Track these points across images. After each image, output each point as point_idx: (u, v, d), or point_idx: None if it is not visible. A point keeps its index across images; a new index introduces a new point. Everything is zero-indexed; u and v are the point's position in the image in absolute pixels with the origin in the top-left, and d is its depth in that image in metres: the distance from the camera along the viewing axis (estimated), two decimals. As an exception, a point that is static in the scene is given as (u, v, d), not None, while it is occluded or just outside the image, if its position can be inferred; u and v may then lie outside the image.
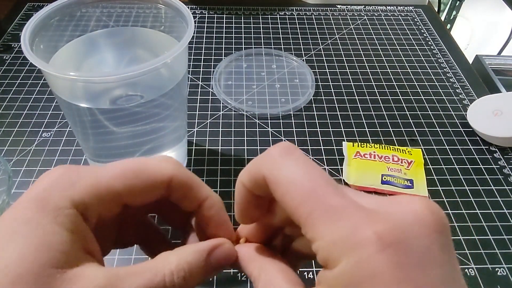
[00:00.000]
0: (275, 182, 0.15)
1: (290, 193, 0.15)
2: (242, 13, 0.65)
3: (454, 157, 0.44)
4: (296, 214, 0.14)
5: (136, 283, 0.15)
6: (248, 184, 0.17)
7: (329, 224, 0.13)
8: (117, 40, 0.35)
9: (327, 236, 0.13)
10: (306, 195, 0.14)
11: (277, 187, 0.15)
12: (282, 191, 0.15)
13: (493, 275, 0.34)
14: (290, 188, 0.15)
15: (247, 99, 0.49)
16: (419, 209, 0.13)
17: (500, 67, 0.59)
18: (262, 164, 0.16)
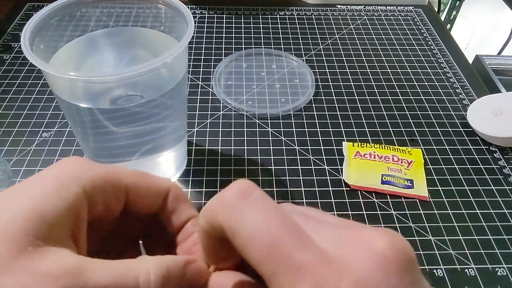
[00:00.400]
0: (233, 234, 0.14)
1: (251, 248, 0.14)
2: (242, 13, 0.65)
3: (454, 157, 0.44)
4: (259, 270, 0.14)
5: (105, 275, 0.15)
6: (207, 229, 0.16)
7: (294, 284, 0.13)
8: (117, 40, 0.35)
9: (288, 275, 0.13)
10: (267, 252, 0.13)
11: (236, 239, 0.14)
12: (242, 244, 0.14)
13: (493, 275, 0.34)
14: (250, 243, 0.14)
15: (247, 99, 0.49)
16: (382, 250, 0.13)
17: (500, 67, 0.59)
18: (218, 210, 0.15)
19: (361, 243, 0.13)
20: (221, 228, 0.15)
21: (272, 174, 0.41)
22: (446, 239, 0.36)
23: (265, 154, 0.43)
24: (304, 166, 0.42)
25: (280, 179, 0.40)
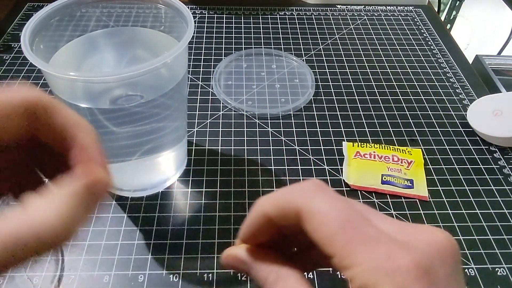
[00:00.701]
0: (310, 212, 0.16)
1: (326, 223, 0.15)
2: (242, 13, 0.65)
3: (454, 157, 0.44)
4: (330, 244, 0.15)
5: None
6: (272, 213, 0.17)
7: (367, 253, 0.14)
8: (117, 40, 0.35)
9: (365, 263, 0.14)
10: (342, 225, 0.15)
11: (312, 218, 0.16)
12: (317, 221, 0.16)
13: (493, 275, 0.34)
14: (326, 219, 0.15)
15: (247, 99, 0.49)
16: (441, 241, 0.15)
17: (500, 67, 0.59)
18: (295, 196, 0.17)
19: (423, 233, 0.15)
20: (293, 211, 0.16)
21: (272, 174, 0.41)
22: (446, 239, 0.36)
23: (265, 154, 0.43)
24: (304, 166, 0.42)
25: (280, 179, 0.40)
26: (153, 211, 0.37)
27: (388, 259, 0.14)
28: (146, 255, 0.34)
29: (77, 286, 0.32)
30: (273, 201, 0.18)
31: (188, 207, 0.38)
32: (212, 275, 0.33)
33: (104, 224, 0.36)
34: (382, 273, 0.14)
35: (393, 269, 0.14)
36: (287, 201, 0.17)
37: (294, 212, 0.16)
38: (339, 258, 0.15)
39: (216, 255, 0.34)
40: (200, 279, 0.33)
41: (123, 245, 0.34)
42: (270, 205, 0.18)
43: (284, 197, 0.17)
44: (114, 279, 0.32)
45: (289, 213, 0.17)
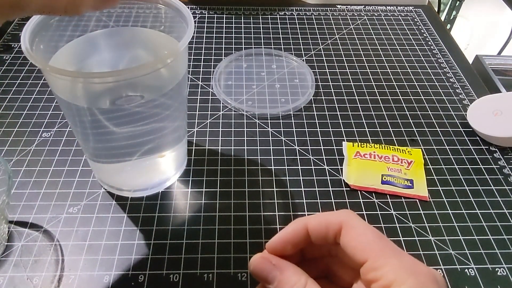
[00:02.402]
0: (351, 226, 0.21)
1: (364, 234, 0.20)
2: (242, 13, 0.65)
3: (454, 157, 0.44)
4: (366, 249, 0.20)
5: None
6: (316, 226, 0.22)
7: (396, 258, 0.19)
8: (117, 40, 0.35)
9: (396, 264, 0.18)
10: (377, 238, 0.20)
11: (353, 229, 0.21)
12: (357, 232, 0.20)
13: (493, 275, 0.34)
14: (364, 231, 0.20)
15: (247, 99, 0.49)
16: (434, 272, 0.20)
17: (500, 67, 0.59)
18: (339, 214, 0.22)
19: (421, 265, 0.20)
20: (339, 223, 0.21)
21: (272, 174, 0.41)
22: (446, 239, 0.36)
23: (265, 154, 0.43)
24: (304, 166, 0.42)
25: (280, 179, 0.40)
26: (153, 211, 0.37)
27: (413, 264, 0.19)
28: (146, 255, 0.34)
29: (77, 286, 0.32)
30: (317, 217, 0.22)
31: (188, 207, 0.38)
32: (212, 275, 0.33)
33: (104, 224, 0.36)
34: (409, 273, 0.18)
35: (416, 272, 0.18)
36: (332, 217, 0.22)
37: (337, 225, 0.21)
38: (373, 259, 0.19)
39: (216, 255, 0.34)
40: (200, 279, 0.33)
41: (123, 245, 0.34)
42: (315, 219, 0.22)
43: (328, 215, 0.22)
44: (114, 279, 0.32)
45: (332, 226, 0.21)
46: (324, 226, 0.22)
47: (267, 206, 0.38)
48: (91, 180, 0.39)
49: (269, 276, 0.22)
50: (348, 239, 0.20)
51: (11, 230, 0.35)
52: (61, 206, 0.37)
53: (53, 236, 0.35)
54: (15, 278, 0.32)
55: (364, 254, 0.19)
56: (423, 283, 0.18)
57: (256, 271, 0.22)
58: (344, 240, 0.21)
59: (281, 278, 0.21)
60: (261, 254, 0.23)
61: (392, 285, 0.18)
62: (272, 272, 0.22)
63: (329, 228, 0.21)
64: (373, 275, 0.19)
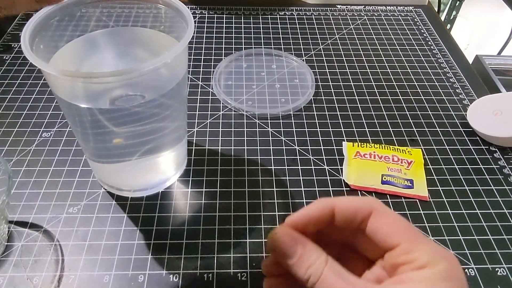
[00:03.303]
0: (384, 212, 0.22)
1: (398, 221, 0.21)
2: (242, 13, 0.65)
3: (454, 157, 0.44)
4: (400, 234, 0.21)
5: None
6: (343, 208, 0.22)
7: (429, 244, 0.20)
8: (117, 40, 0.35)
9: (428, 249, 0.20)
10: (410, 226, 0.21)
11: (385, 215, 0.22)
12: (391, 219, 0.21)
13: (493, 275, 0.34)
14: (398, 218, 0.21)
15: (247, 99, 0.49)
16: None
17: (500, 67, 0.59)
18: (369, 200, 0.22)
19: None
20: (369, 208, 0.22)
21: (272, 174, 0.41)
22: (446, 239, 0.36)
23: (265, 154, 0.43)
24: (304, 166, 0.42)
25: (280, 179, 0.40)
26: (153, 211, 0.37)
27: (443, 250, 0.20)
28: (146, 255, 0.34)
29: (77, 286, 0.32)
30: (347, 199, 0.22)
31: (188, 207, 0.38)
32: (212, 275, 0.33)
33: (104, 224, 0.36)
34: (441, 256, 0.20)
35: (447, 256, 0.20)
36: (362, 201, 0.22)
37: (367, 210, 0.22)
38: (408, 243, 0.20)
39: (216, 255, 0.34)
40: (200, 279, 0.33)
41: (123, 245, 0.34)
42: (344, 201, 0.22)
43: (357, 199, 0.22)
44: (114, 279, 0.32)
45: (362, 210, 0.22)
46: (353, 209, 0.22)
47: (267, 206, 0.38)
48: (91, 180, 0.39)
49: (290, 250, 0.21)
50: (381, 224, 0.21)
51: (11, 230, 0.35)
52: (61, 206, 0.37)
53: (53, 236, 0.35)
54: (15, 278, 0.32)
55: (398, 238, 0.21)
56: (453, 265, 0.19)
57: (278, 243, 0.21)
58: (375, 225, 0.21)
59: (303, 253, 0.21)
60: (283, 227, 0.22)
61: (426, 267, 0.19)
62: (294, 246, 0.21)
63: (358, 212, 0.22)
64: (405, 258, 0.20)
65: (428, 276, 0.19)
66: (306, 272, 0.20)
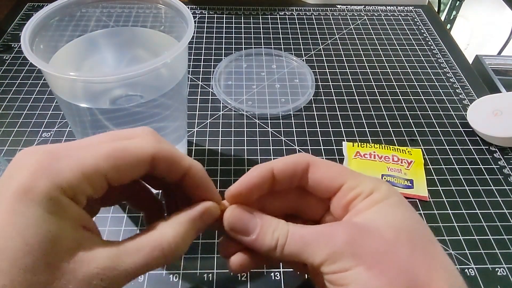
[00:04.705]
0: (320, 162, 0.22)
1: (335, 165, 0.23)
2: (242, 13, 0.65)
3: (454, 157, 0.44)
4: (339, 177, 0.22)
5: (137, 260, 0.18)
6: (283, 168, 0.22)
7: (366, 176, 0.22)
8: (117, 40, 0.35)
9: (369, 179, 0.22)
10: (344, 167, 0.23)
11: (322, 165, 0.22)
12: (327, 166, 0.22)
13: (493, 275, 0.34)
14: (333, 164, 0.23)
15: (247, 99, 0.49)
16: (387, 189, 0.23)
17: (500, 67, 0.59)
18: (303, 156, 0.23)
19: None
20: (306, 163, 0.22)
21: (272, 174, 0.41)
22: (446, 239, 0.36)
23: (265, 154, 0.43)
24: (304, 166, 0.42)
25: (280, 179, 0.40)
26: (153, 211, 0.37)
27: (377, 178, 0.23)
28: (146, 255, 0.34)
29: (77, 286, 0.32)
30: (283, 159, 0.23)
31: (188, 207, 0.37)
32: (212, 275, 0.33)
33: (104, 224, 0.36)
34: (378, 181, 0.22)
35: (382, 180, 0.22)
36: (297, 157, 0.22)
37: (305, 164, 0.22)
38: (351, 180, 0.22)
39: (216, 255, 0.34)
40: (200, 279, 0.33)
41: (123, 245, 0.34)
42: (281, 161, 0.22)
43: (292, 156, 0.23)
44: (114, 279, 0.32)
45: (300, 165, 0.22)
46: (292, 166, 0.22)
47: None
48: (91, 180, 0.39)
49: (250, 225, 0.21)
50: (321, 172, 0.22)
51: (11, 230, 0.35)
52: (61, 206, 0.37)
53: (53, 236, 0.35)
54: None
55: (340, 179, 0.22)
56: (390, 185, 0.22)
57: (235, 223, 0.21)
58: (316, 175, 0.22)
59: (263, 223, 0.21)
60: (235, 205, 0.22)
61: (373, 192, 0.21)
62: (252, 220, 0.21)
63: (297, 168, 0.22)
64: (354, 192, 0.21)
65: (377, 198, 0.21)
66: (272, 237, 0.20)
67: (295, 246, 0.20)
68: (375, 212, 0.21)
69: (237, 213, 0.22)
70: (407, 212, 0.21)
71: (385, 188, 0.21)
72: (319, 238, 0.20)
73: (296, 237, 0.20)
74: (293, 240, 0.20)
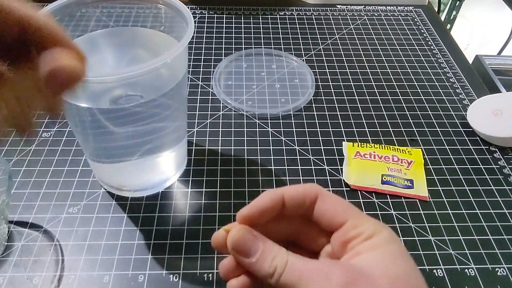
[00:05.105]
0: (327, 195, 0.23)
1: (340, 202, 0.23)
2: (242, 13, 0.65)
3: (454, 157, 0.44)
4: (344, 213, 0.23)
5: None
6: (292, 195, 0.23)
7: (369, 218, 0.23)
8: (117, 40, 0.35)
9: (371, 221, 0.22)
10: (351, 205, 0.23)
11: (329, 198, 0.23)
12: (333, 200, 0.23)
13: (493, 275, 0.34)
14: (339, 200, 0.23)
15: (247, 99, 0.49)
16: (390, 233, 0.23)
17: (500, 67, 0.59)
18: (313, 186, 0.23)
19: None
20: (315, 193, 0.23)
21: (272, 174, 0.41)
22: (446, 239, 0.36)
23: (265, 154, 0.43)
24: (304, 166, 0.42)
25: (280, 179, 0.40)
26: (153, 211, 0.37)
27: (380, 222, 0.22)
28: (146, 255, 0.34)
29: (77, 286, 0.32)
30: (294, 186, 0.23)
31: (188, 207, 0.38)
32: (212, 275, 0.33)
33: (104, 224, 0.36)
34: (381, 225, 0.22)
35: (385, 225, 0.22)
36: (307, 187, 0.23)
37: (314, 194, 0.23)
38: (354, 219, 0.22)
39: (216, 255, 0.34)
40: (200, 279, 0.33)
41: (123, 245, 0.34)
42: (292, 189, 0.23)
43: (303, 185, 0.24)
44: (114, 279, 0.32)
45: (309, 195, 0.23)
46: (301, 194, 0.23)
47: (267, 206, 0.38)
48: (91, 180, 0.39)
49: (252, 248, 0.21)
50: (327, 205, 0.23)
51: (11, 230, 0.35)
52: (61, 206, 0.37)
53: (53, 236, 0.35)
54: (15, 278, 0.32)
55: (344, 216, 0.22)
56: (392, 232, 0.22)
57: (239, 244, 0.22)
58: (322, 207, 0.23)
59: (264, 248, 0.21)
60: (241, 225, 0.22)
61: (374, 235, 0.21)
62: (255, 243, 0.21)
63: (306, 197, 0.23)
64: (355, 231, 0.22)
65: (378, 242, 0.21)
66: (271, 264, 0.20)
67: (291, 278, 0.20)
68: (374, 257, 0.21)
69: (241, 234, 0.22)
70: (405, 263, 0.21)
71: (386, 233, 0.22)
72: (316, 275, 0.20)
73: (293, 268, 0.20)
74: (290, 271, 0.20)
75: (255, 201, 0.23)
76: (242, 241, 0.22)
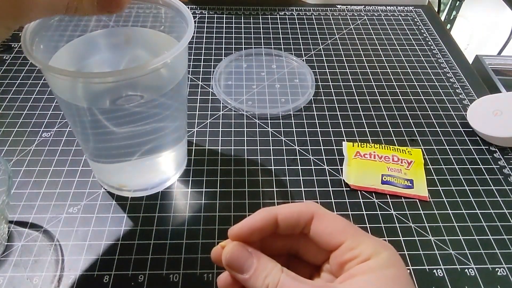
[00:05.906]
0: (324, 214, 0.23)
1: (337, 220, 0.22)
2: (242, 13, 0.65)
3: (454, 157, 0.44)
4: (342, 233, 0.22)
5: None
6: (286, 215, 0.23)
7: (368, 238, 0.22)
8: (117, 40, 0.35)
9: (370, 242, 0.21)
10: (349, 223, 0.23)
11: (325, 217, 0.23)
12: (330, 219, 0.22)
13: (493, 275, 0.34)
14: (336, 218, 0.23)
15: (247, 99, 0.49)
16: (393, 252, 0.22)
17: (500, 67, 0.59)
18: (309, 205, 0.23)
19: None
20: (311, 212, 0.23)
21: (272, 174, 0.41)
22: (446, 239, 0.36)
23: (265, 154, 0.43)
24: (304, 166, 0.42)
25: (280, 179, 0.40)
26: (153, 211, 0.37)
27: (382, 241, 0.22)
28: (146, 255, 0.34)
29: (77, 286, 0.32)
30: (288, 206, 0.23)
31: (188, 207, 0.38)
32: (212, 275, 0.33)
33: (104, 224, 0.36)
34: (381, 246, 0.21)
35: (386, 246, 0.22)
36: (302, 207, 0.23)
37: (309, 214, 0.22)
38: (351, 240, 0.21)
39: (216, 255, 0.34)
40: (200, 279, 0.33)
41: (123, 245, 0.34)
42: (286, 209, 0.23)
43: (298, 205, 0.23)
44: (114, 279, 0.32)
45: (304, 215, 0.23)
46: (296, 215, 0.23)
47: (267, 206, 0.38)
48: (91, 180, 0.39)
49: (246, 264, 0.21)
50: (323, 226, 0.22)
51: (11, 230, 0.35)
52: (61, 206, 0.37)
53: (53, 236, 0.35)
54: (15, 278, 0.32)
55: (341, 237, 0.22)
56: (394, 253, 0.21)
57: (233, 260, 0.22)
58: (318, 228, 0.22)
59: (258, 265, 0.21)
60: (235, 242, 0.22)
61: (371, 257, 0.21)
62: (249, 259, 0.22)
63: (301, 217, 0.23)
64: (351, 254, 0.21)
65: (373, 265, 0.21)
66: (263, 283, 0.21)
67: None
68: (368, 281, 0.20)
69: (235, 250, 0.22)
70: None
71: (385, 256, 0.21)
72: None
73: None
74: None
75: (246, 219, 0.23)
76: (236, 258, 0.22)
